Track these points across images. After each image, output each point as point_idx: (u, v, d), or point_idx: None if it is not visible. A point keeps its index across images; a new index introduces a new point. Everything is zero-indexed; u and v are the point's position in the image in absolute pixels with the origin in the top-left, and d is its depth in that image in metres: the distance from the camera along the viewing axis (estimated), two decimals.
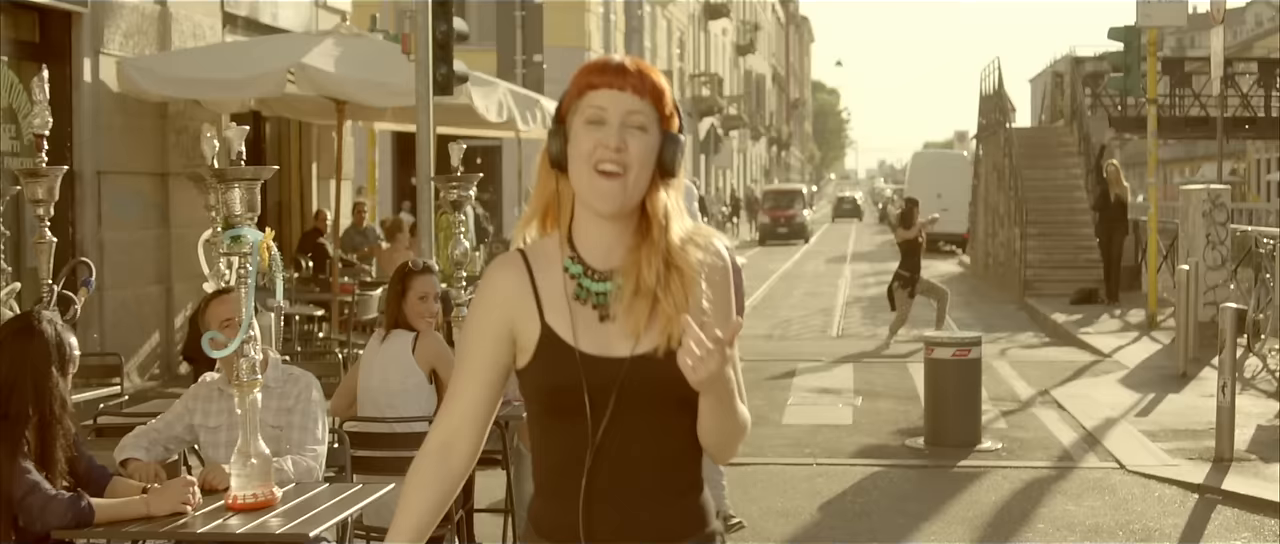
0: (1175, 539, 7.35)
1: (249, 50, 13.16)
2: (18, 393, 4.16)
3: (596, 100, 2.52)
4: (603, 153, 2.49)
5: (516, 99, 13.78)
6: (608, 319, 2.53)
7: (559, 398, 2.52)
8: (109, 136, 12.34)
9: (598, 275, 2.55)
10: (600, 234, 2.56)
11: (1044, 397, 12.10)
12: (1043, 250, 23.64)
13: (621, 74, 2.52)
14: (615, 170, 2.49)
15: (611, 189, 2.49)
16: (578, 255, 2.56)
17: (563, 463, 2.53)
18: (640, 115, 2.52)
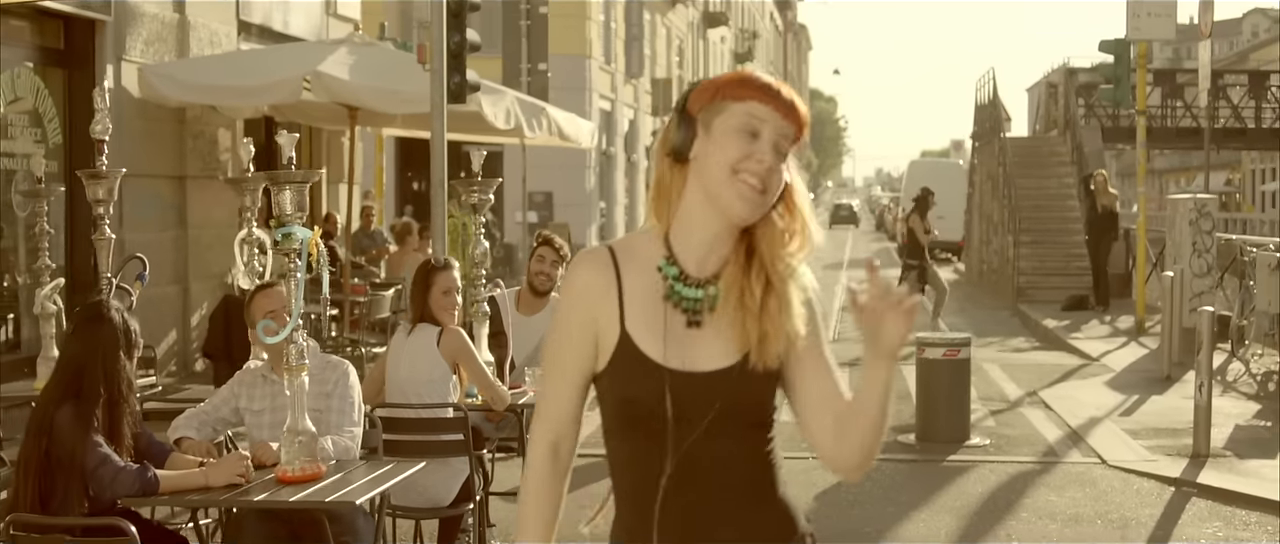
0: (1150, 528, 7.78)
1: (265, 58, 13.59)
2: (89, 374, 4.58)
3: (756, 110, 2.48)
4: (753, 166, 2.46)
5: (523, 106, 14.20)
6: (696, 327, 2.49)
7: (634, 409, 2.48)
8: (129, 140, 12.73)
9: (693, 281, 2.51)
10: (702, 238, 2.52)
11: (1032, 397, 12.55)
12: (1035, 258, 24.07)
13: (790, 102, 2.51)
14: (756, 185, 2.47)
15: (753, 197, 2.47)
16: (674, 257, 2.52)
17: (639, 480, 2.49)
18: (787, 140, 2.50)
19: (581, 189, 33.18)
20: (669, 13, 48.15)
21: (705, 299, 2.49)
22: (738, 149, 2.46)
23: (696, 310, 2.49)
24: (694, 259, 2.51)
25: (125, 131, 12.76)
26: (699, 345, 2.47)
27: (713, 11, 58.18)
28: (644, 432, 2.46)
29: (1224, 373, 13.71)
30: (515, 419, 6.69)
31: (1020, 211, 24.62)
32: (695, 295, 2.49)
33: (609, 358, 2.49)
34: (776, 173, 2.47)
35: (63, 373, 4.65)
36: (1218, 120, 30.98)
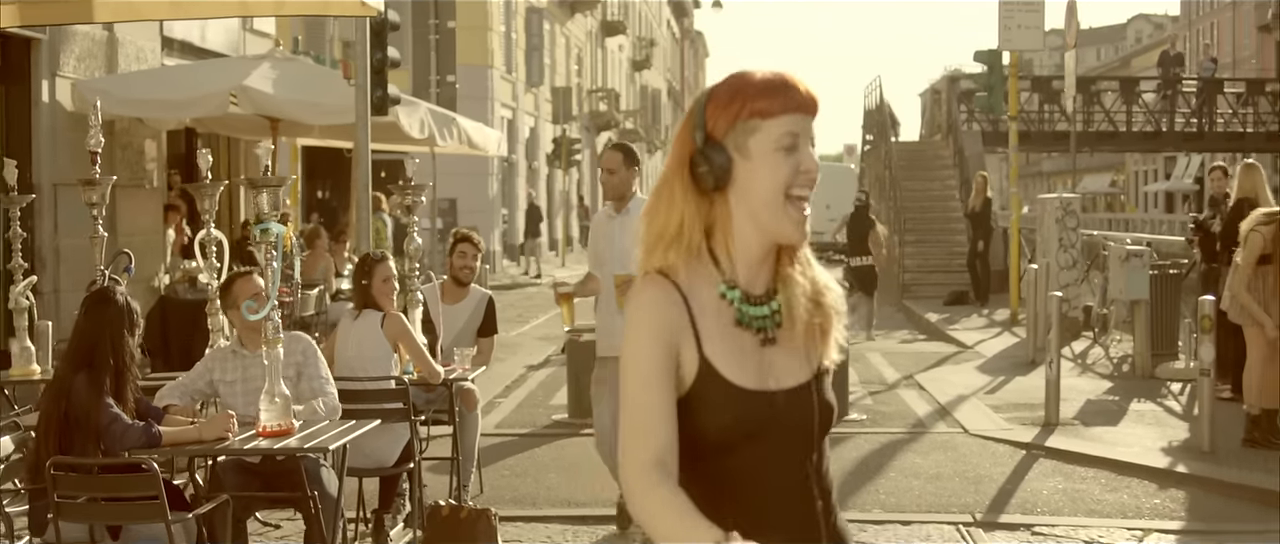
0: (1000, 482, 8.90)
1: (193, 73, 14.35)
2: (99, 347, 5.47)
3: (791, 126, 2.40)
4: (804, 180, 2.41)
5: (435, 117, 15.10)
6: (769, 345, 2.44)
7: (730, 435, 2.41)
8: (63, 152, 13.48)
9: (756, 299, 2.46)
10: (752, 258, 2.45)
11: (908, 380, 13.71)
12: (919, 256, 25.37)
13: (810, 99, 2.44)
14: (808, 195, 2.44)
15: (803, 214, 2.44)
16: (733, 280, 2.46)
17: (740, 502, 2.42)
18: (813, 139, 2.47)
19: (484, 196, 34.07)
20: (567, 22, 49.16)
21: (772, 316, 2.44)
22: (785, 168, 2.39)
23: (766, 329, 2.44)
24: (746, 278, 2.45)
25: (59, 143, 13.49)
26: (773, 362, 2.44)
27: (610, 21, 59.26)
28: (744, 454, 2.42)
29: (1086, 357, 14.98)
30: (445, 392, 7.62)
31: (905, 212, 25.92)
32: (762, 313, 2.44)
33: (689, 387, 2.41)
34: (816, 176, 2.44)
35: (76, 346, 5.53)
36: (1092, 125, 32.62)
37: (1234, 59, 68.80)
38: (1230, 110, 33.44)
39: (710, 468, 2.41)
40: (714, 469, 2.42)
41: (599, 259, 7.31)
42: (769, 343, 2.43)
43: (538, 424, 11.32)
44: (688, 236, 2.44)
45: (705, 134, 2.43)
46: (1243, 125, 33.50)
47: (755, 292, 2.45)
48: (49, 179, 13.37)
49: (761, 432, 2.40)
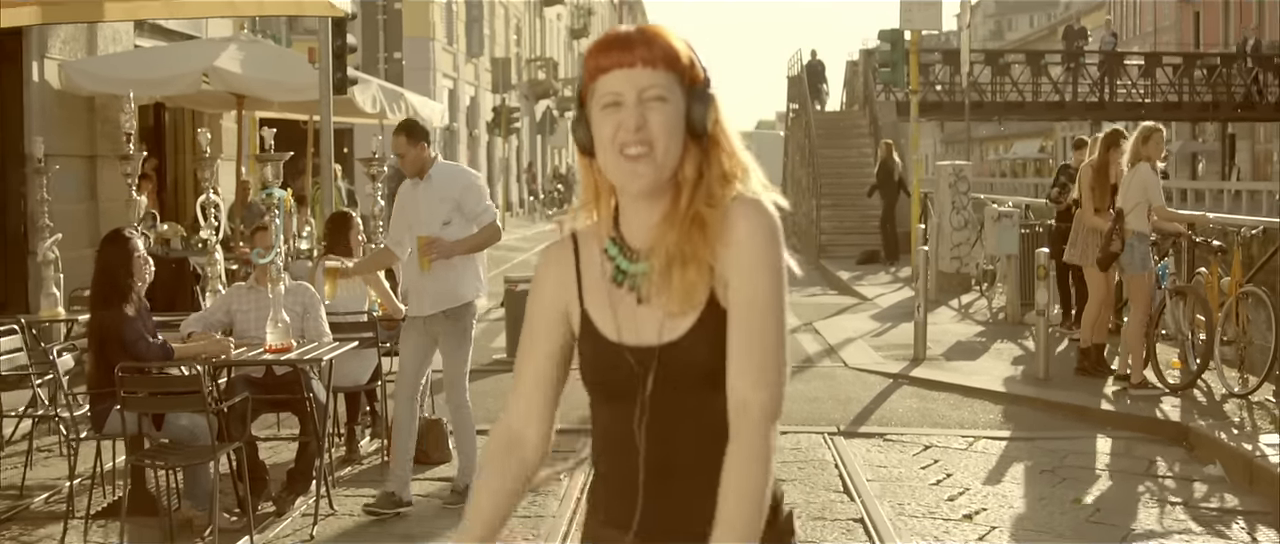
0: (865, 403, 10.71)
1: (167, 54, 15.87)
2: (117, 276, 7.07)
3: (610, 84, 2.38)
4: (624, 136, 2.36)
5: (385, 93, 16.71)
6: (644, 302, 2.41)
7: (599, 385, 2.46)
8: (51, 126, 14.99)
9: (634, 255, 2.44)
10: (640, 213, 2.44)
11: (806, 326, 15.52)
12: (835, 219, 27.22)
13: (629, 48, 2.38)
14: (640, 151, 2.36)
15: (639, 168, 2.37)
16: (619, 236, 2.46)
17: (613, 449, 2.47)
18: (656, 88, 2.37)
19: None
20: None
21: (645, 271, 2.41)
22: (607, 126, 2.38)
23: (636, 285, 2.42)
24: (640, 233, 2.44)
25: (48, 118, 15.00)
26: (650, 319, 2.40)
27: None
28: (611, 405, 2.45)
29: (969, 307, 16.85)
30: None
31: (822, 178, 27.75)
32: (637, 269, 2.42)
33: (577, 338, 2.49)
34: (653, 125, 2.35)
35: (99, 277, 7.15)
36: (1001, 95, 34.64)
37: (1156, 28, 70.96)
38: (1130, 82, 35.55)
39: (595, 412, 2.50)
40: (596, 417, 2.50)
41: (405, 227, 7.65)
42: (644, 299, 2.41)
43: (480, 362, 13.02)
44: (587, 202, 2.50)
45: (578, 102, 2.48)
46: (1142, 96, 35.63)
47: (640, 245, 2.43)
48: (39, 151, 14.87)
49: (614, 386, 2.43)
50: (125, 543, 6.68)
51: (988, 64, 34.57)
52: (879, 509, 7.41)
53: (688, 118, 2.39)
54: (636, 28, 2.43)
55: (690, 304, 2.37)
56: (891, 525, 7.12)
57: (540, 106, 53.95)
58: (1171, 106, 35.41)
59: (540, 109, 53.60)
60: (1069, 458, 8.84)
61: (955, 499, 7.81)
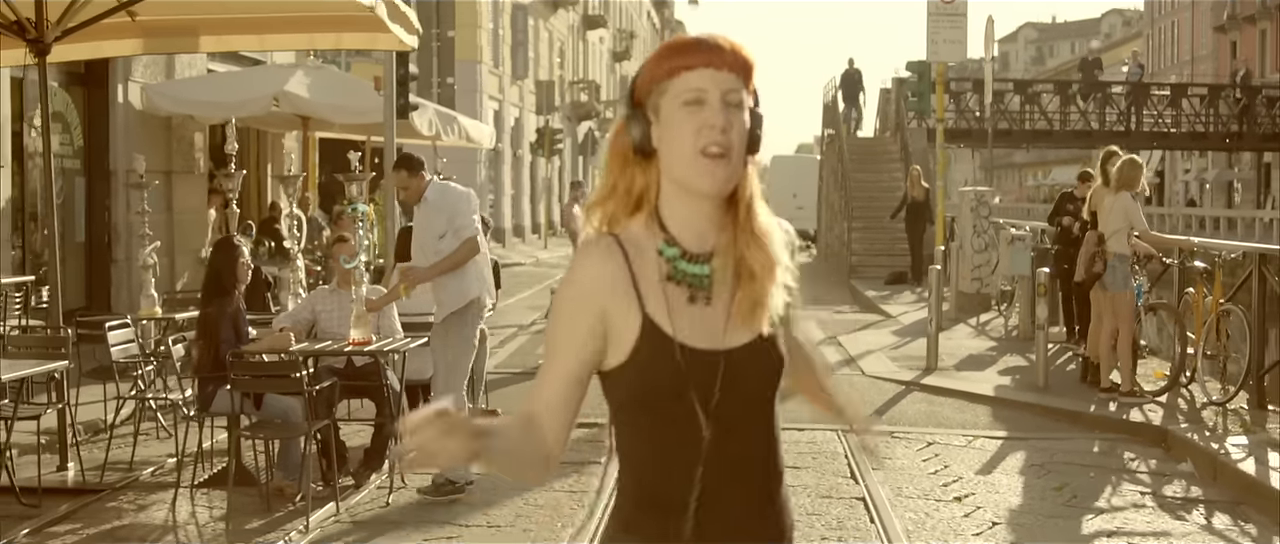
0: (878, 405, 11.78)
1: (239, 78, 17.09)
2: (224, 273, 8.25)
3: (694, 81, 2.39)
4: (709, 135, 2.37)
5: (440, 116, 17.90)
6: (703, 303, 2.41)
7: (661, 396, 2.39)
8: (133, 144, 16.23)
9: (695, 257, 2.43)
10: (694, 215, 2.44)
11: (831, 339, 16.58)
12: (866, 241, 28.26)
13: (718, 52, 2.41)
14: (722, 151, 2.37)
15: (718, 169, 2.37)
16: (672, 238, 2.44)
17: (668, 467, 2.41)
18: (737, 93, 2.41)
19: (473, 181, 36.93)
20: (551, 17, 51.92)
21: (709, 274, 2.42)
22: (690, 123, 2.39)
23: (703, 287, 2.42)
24: (692, 236, 2.45)
25: (131, 137, 16.23)
26: (710, 320, 2.41)
27: (591, 15, 62.05)
28: (669, 419, 2.39)
29: (986, 325, 17.87)
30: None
31: (854, 202, 28.80)
32: (700, 271, 2.42)
33: (631, 346, 2.41)
34: (735, 129, 2.39)
35: (210, 277, 8.33)
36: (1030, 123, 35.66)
37: (1193, 57, 71.57)
38: (1156, 112, 36.53)
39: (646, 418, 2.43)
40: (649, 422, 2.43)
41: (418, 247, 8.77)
42: (704, 301, 2.41)
43: (526, 366, 14.16)
44: (620, 201, 2.47)
45: (630, 103, 2.47)
46: (1169, 125, 36.57)
47: (701, 248, 2.44)
48: (123, 166, 16.11)
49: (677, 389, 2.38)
50: (228, 508, 7.82)
51: (1017, 93, 35.61)
52: (879, 491, 8.47)
53: (750, 133, 2.45)
54: (721, 35, 2.45)
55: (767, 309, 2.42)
56: (888, 504, 8.18)
57: (582, 128, 55.16)
58: (1198, 136, 36.34)
59: (582, 130, 54.78)
60: (1057, 455, 9.88)
61: (949, 485, 8.87)
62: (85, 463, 8.99)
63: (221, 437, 8.94)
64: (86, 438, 9.90)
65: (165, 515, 7.92)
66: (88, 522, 7.81)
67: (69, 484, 8.66)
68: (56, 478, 8.71)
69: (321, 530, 7.59)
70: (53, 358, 8.59)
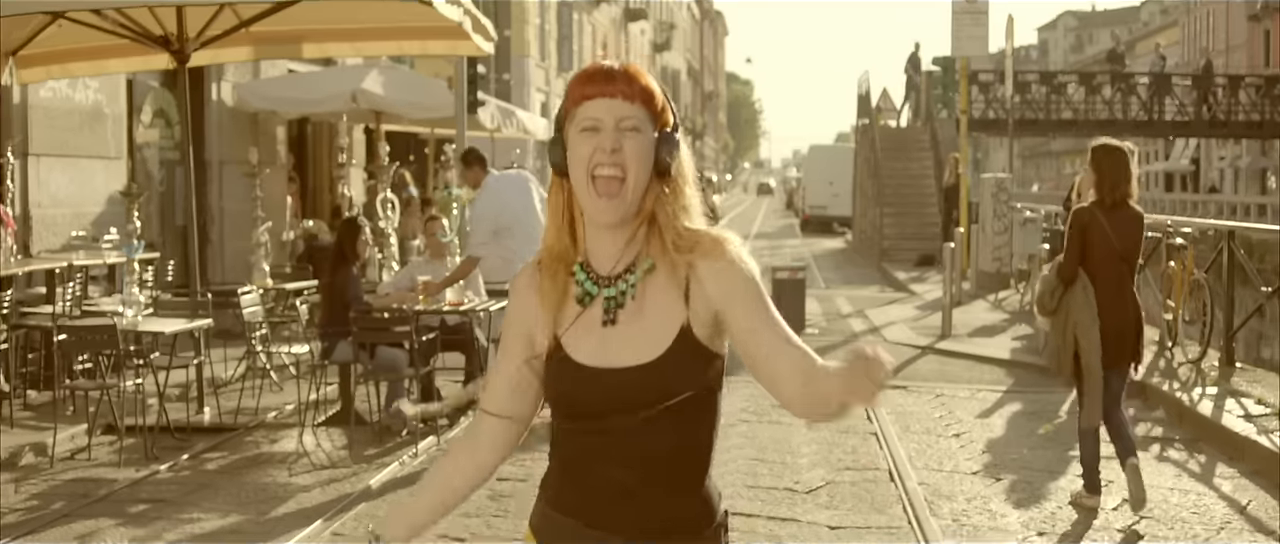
0: (895, 368, 13.32)
1: (320, 77, 18.75)
2: (347, 248, 9.90)
3: (590, 110, 2.52)
4: (599, 157, 2.50)
5: (501, 110, 19.57)
6: (611, 324, 2.54)
7: (564, 407, 2.57)
8: (226, 137, 17.96)
9: (602, 281, 2.56)
10: (608, 239, 2.57)
11: (858, 313, 18.20)
12: (897, 226, 29.76)
13: (610, 80, 2.54)
14: (613, 173, 2.50)
15: (609, 205, 2.51)
16: (586, 261, 2.59)
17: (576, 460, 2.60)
18: (632, 119, 2.52)
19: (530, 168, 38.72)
20: (594, 11, 53.58)
21: (615, 297, 2.55)
22: (584, 148, 2.52)
23: (608, 309, 2.55)
24: (605, 259, 2.58)
25: (223, 132, 17.97)
26: (616, 343, 2.53)
27: (633, 7, 63.70)
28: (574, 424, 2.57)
29: (1003, 301, 19.41)
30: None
31: (886, 189, 30.31)
32: (608, 293, 2.55)
33: (543, 360, 2.60)
34: (627, 151, 2.51)
35: (337, 248, 9.99)
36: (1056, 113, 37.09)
37: (1227, 46, 72.33)
38: (1180, 102, 37.86)
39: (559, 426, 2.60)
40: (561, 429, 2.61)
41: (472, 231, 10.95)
42: (609, 323, 2.54)
43: None
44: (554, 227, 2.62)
45: (557, 126, 2.61)
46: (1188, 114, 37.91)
47: (607, 271, 2.57)
48: (217, 158, 17.84)
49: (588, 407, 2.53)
50: (349, 439, 9.50)
51: (1043, 83, 37.04)
52: (888, 428, 10.08)
53: (656, 155, 2.55)
54: (621, 64, 2.59)
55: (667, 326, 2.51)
56: (896, 438, 9.79)
57: None
58: (1218, 124, 37.65)
59: None
60: (1047, 405, 11.43)
61: (950, 426, 10.46)
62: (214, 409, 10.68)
63: (328, 389, 10.58)
64: (209, 390, 11.59)
65: (294, 446, 9.57)
66: (231, 451, 9.49)
67: (207, 424, 10.33)
68: (196, 420, 10.39)
69: (428, 456, 9.24)
70: (197, 318, 10.29)
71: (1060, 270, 7.64)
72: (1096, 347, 7.47)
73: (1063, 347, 7.62)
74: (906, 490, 8.20)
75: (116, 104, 15.01)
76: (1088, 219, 7.58)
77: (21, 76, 11.86)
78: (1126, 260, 7.63)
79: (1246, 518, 7.77)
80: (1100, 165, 7.65)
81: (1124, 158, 7.69)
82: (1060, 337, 7.65)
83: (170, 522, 7.51)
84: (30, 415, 10.12)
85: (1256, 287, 12.51)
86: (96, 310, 10.53)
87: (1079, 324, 7.51)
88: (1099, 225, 7.53)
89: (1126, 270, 7.65)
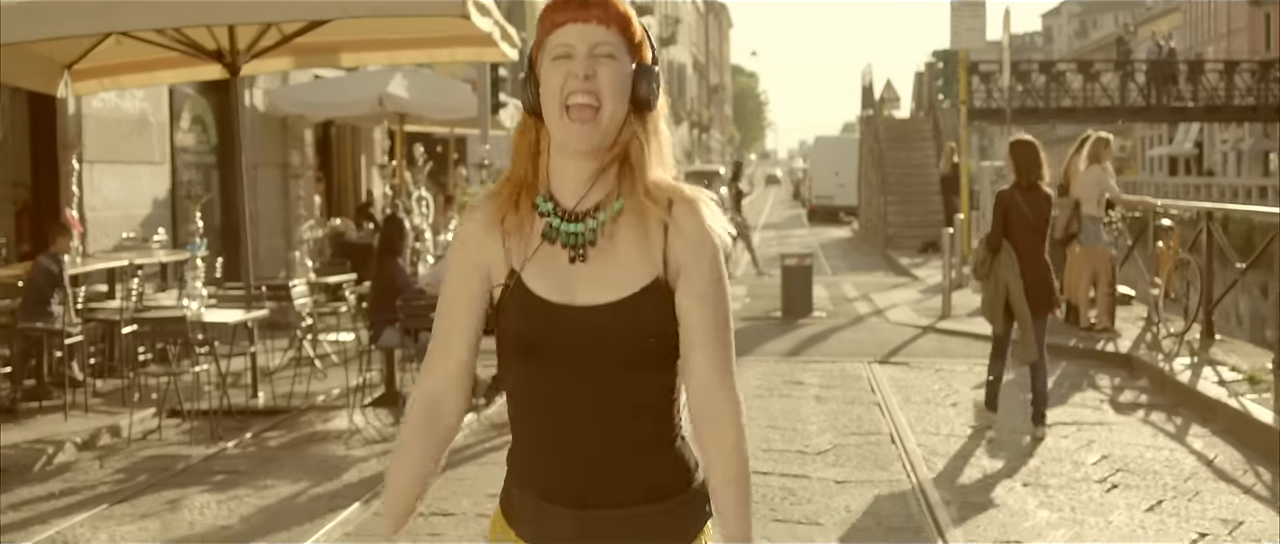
0: (896, 344, 14.25)
1: (346, 81, 19.60)
2: (394, 242, 10.78)
3: (562, 37, 2.42)
4: (573, 84, 2.38)
5: (520, 111, 20.44)
6: (579, 261, 2.42)
7: (524, 345, 2.43)
8: (258, 141, 18.84)
9: (570, 215, 2.45)
10: (575, 174, 2.45)
11: (863, 297, 19.09)
12: (901, 214, 30.63)
13: (584, 6, 2.42)
14: (587, 101, 2.38)
15: (583, 129, 2.38)
16: (551, 194, 2.46)
17: (535, 413, 2.46)
18: (608, 45, 2.42)
19: None
20: None
21: (583, 233, 2.43)
22: (556, 76, 2.40)
23: (577, 245, 2.43)
24: (571, 194, 2.45)
25: (256, 136, 18.83)
26: (584, 280, 2.42)
27: (639, 3, 64.59)
28: (534, 366, 2.42)
29: None
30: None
31: (890, 178, 31.17)
32: (574, 229, 2.43)
33: (500, 295, 2.47)
34: (601, 78, 2.40)
35: (382, 242, 10.87)
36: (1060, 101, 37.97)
37: (1228, 30, 72.97)
38: (1177, 87, 38.72)
39: (514, 371, 2.47)
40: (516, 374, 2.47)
41: None
42: (578, 259, 2.42)
43: None
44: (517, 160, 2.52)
45: (528, 64, 2.51)
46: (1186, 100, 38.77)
47: (575, 208, 2.45)
48: (249, 161, 18.70)
49: (551, 345, 2.40)
50: (395, 417, 10.40)
51: (1042, 72, 37.91)
52: (891, 398, 10.98)
53: (634, 88, 2.43)
54: None
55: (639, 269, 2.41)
56: (897, 407, 10.68)
57: None
58: (1214, 109, 38.48)
59: None
60: None
61: (947, 396, 11.34)
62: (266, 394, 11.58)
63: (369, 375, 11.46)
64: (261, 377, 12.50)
65: (346, 425, 10.46)
66: (288, 430, 10.37)
67: (262, 407, 11.22)
68: (251, 404, 11.27)
69: (469, 430, 10.12)
70: (253, 309, 11.19)
71: (987, 241, 9.44)
72: (1022, 298, 9.17)
73: (995, 299, 9.39)
74: (906, 450, 9.09)
75: (160, 112, 15.91)
76: (1008, 200, 9.43)
77: (76, 88, 12.74)
78: (1038, 231, 9.41)
79: (1212, 469, 8.63)
80: (1017, 157, 9.53)
81: (1035, 151, 9.54)
82: (992, 292, 9.44)
83: (247, 488, 8.40)
84: (100, 402, 11.01)
85: (1232, 263, 13.36)
86: (156, 305, 11.42)
87: (1007, 282, 9.21)
88: (1017, 204, 9.37)
89: (1038, 239, 9.32)
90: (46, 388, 10.92)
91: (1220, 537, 7.08)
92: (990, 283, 9.55)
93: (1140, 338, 13.56)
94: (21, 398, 10.68)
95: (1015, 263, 9.32)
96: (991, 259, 9.48)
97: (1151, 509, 7.62)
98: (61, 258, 10.78)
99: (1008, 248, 9.38)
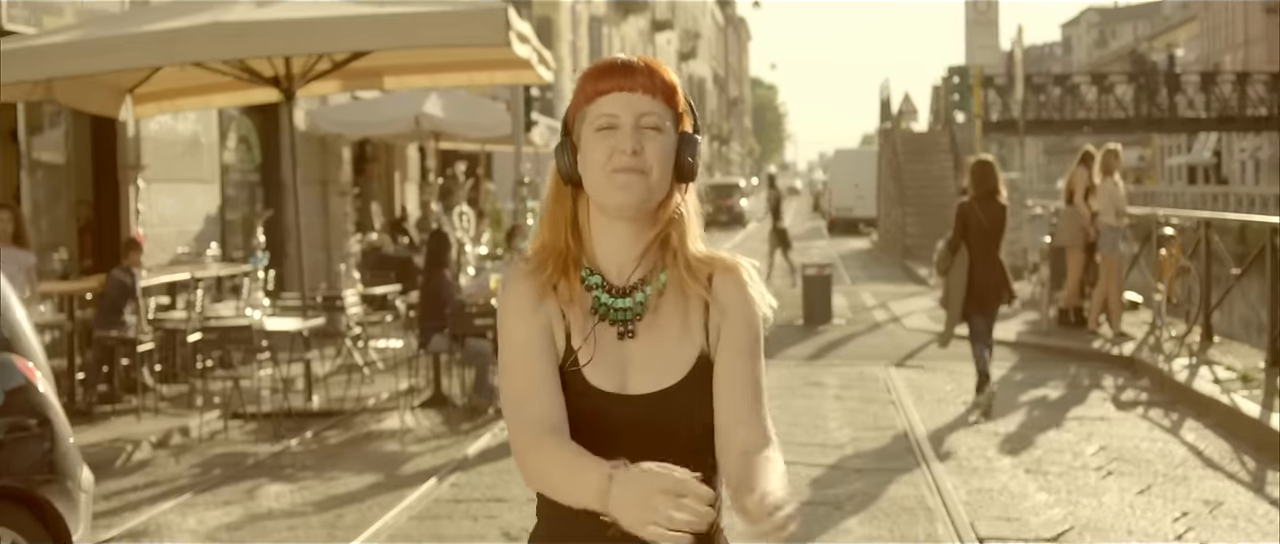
0: (912, 348, 14.99)
1: (383, 102, 20.45)
2: (441, 255, 11.58)
3: (606, 106, 2.33)
4: (619, 160, 2.30)
5: (551, 129, 21.28)
6: (628, 338, 2.35)
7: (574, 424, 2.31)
8: (301, 159, 19.62)
9: (616, 291, 2.37)
10: (618, 247, 2.38)
11: (881, 305, 19.84)
12: (919, 225, 31.34)
13: (630, 74, 2.35)
14: (631, 166, 2.30)
15: (630, 181, 2.30)
16: (596, 266, 2.38)
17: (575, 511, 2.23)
18: (653, 115, 2.34)
19: None
20: (622, 24, 55.35)
21: (632, 308, 2.37)
22: (601, 149, 2.31)
23: (626, 321, 2.36)
24: (614, 267, 2.38)
25: (298, 154, 19.60)
26: (634, 363, 2.35)
27: (659, 19, 65.47)
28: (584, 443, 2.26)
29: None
30: None
31: (908, 190, 31.91)
32: (623, 305, 2.37)
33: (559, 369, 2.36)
34: (649, 153, 2.32)
35: (430, 255, 11.67)
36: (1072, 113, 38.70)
37: (1246, 39, 73.41)
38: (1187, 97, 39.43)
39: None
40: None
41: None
42: (628, 335, 2.35)
43: None
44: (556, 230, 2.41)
45: (564, 129, 2.43)
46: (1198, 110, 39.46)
47: (620, 282, 2.38)
48: (290, 179, 19.53)
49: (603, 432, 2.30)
50: (445, 416, 11.20)
51: (1057, 85, 38.67)
52: (906, 397, 11.74)
53: (677, 157, 2.36)
54: (639, 56, 2.41)
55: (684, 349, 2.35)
56: (912, 405, 11.44)
57: None
58: (1226, 120, 39.16)
59: None
60: (1047, 377, 13.05)
61: (959, 396, 12.08)
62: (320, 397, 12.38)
63: (416, 380, 12.24)
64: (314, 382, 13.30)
65: (397, 424, 11.24)
66: (344, 430, 11.17)
67: (316, 409, 12.02)
68: (306, 407, 12.07)
69: None
70: (309, 319, 12.01)
71: (949, 243, 11.00)
72: (961, 293, 11.14)
73: (954, 291, 11.03)
74: (918, 442, 9.85)
75: (210, 133, 16.76)
76: (967, 209, 11.05)
77: (137, 112, 13.57)
78: (991, 236, 11.11)
79: (1202, 459, 9.37)
80: (976, 173, 11.34)
81: (992, 168, 11.40)
82: (952, 285, 11.24)
83: (315, 479, 9.20)
84: (166, 405, 11.82)
85: (1228, 269, 14.09)
86: (216, 315, 12.24)
87: (952, 279, 10.98)
88: (975, 213, 10.99)
89: (992, 243, 11.13)
90: (117, 392, 11.74)
91: (1201, 515, 7.82)
92: (951, 278, 11.27)
93: (1144, 341, 14.28)
94: (96, 402, 11.51)
95: (966, 264, 10.96)
96: (951, 258, 11.14)
97: (1141, 492, 8.36)
98: (134, 271, 11.60)
99: (963, 250, 10.99)
